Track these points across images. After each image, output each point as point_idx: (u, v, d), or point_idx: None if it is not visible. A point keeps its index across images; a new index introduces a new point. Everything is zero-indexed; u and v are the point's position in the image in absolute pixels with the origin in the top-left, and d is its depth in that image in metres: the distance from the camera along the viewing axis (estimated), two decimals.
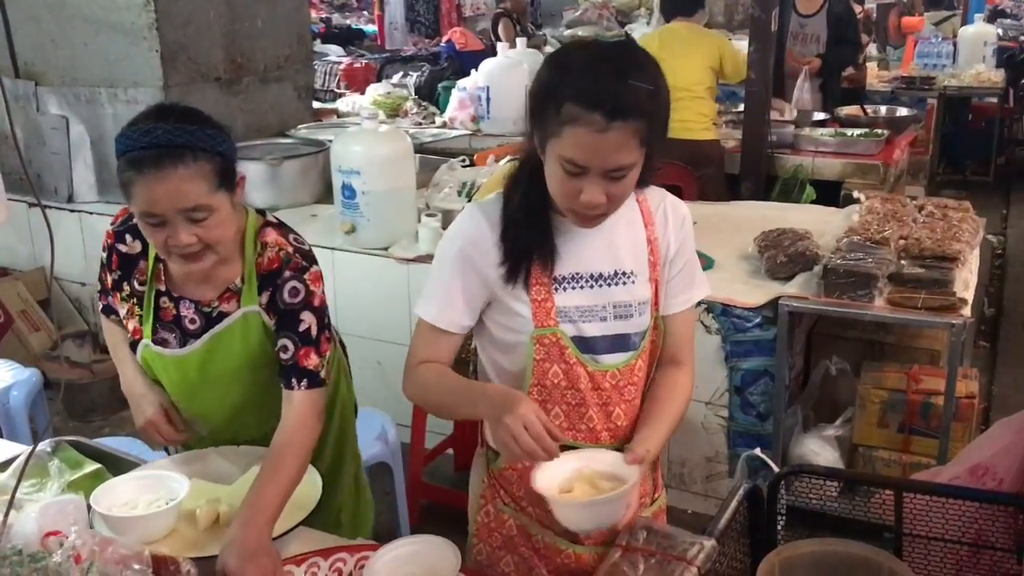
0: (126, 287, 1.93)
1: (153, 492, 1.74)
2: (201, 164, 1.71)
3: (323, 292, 1.90)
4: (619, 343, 1.66)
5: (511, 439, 1.45)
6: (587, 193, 1.49)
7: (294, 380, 1.83)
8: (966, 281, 2.97)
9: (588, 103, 1.43)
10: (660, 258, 1.69)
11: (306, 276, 1.87)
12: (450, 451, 3.61)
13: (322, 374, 1.87)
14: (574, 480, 1.56)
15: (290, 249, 1.88)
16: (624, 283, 1.64)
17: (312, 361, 1.85)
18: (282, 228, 1.93)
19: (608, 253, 1.64)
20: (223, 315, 1.89)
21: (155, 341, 1.91)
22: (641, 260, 1.67)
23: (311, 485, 1.82)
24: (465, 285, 1.64)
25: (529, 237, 1.60)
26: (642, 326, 1.67)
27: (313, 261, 1.90)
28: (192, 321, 1.91)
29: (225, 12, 4.32)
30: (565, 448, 1.54)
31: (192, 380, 1.93)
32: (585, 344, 1.64)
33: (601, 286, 1.63)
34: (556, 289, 1.62)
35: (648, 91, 1.46)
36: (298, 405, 1.83)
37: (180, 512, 1.73)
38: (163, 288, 1.91)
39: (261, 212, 1.96)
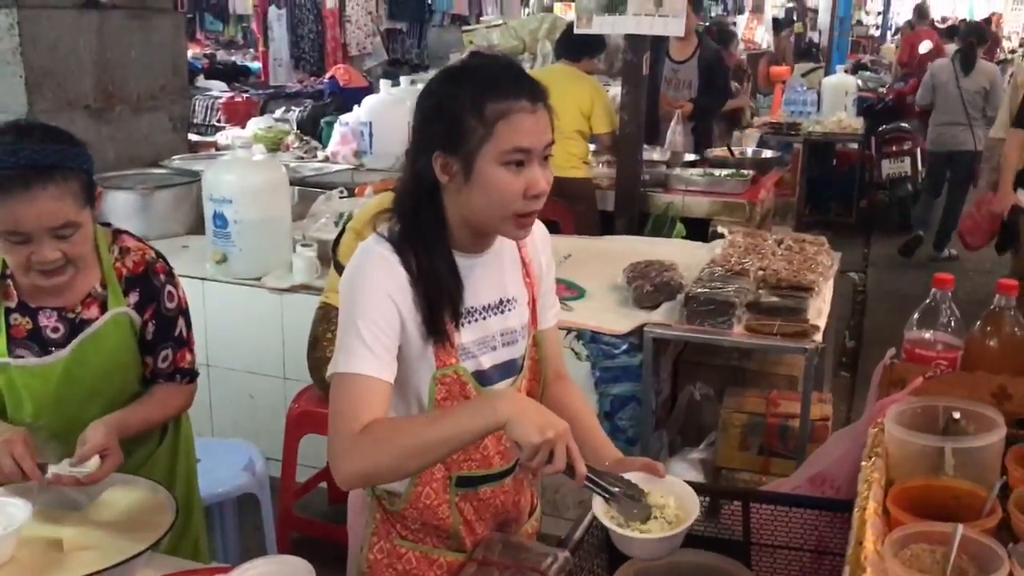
0: None
1: None
2: (70, 183, 1.75)
3: (183, 292, 2.05)
4: (506, 369, 1.68)
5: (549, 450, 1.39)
6: (533, 181, 1.51)
7: (176, 380, 2.03)
8: (819, 309, 3.12)
9: (512, 94, 1.50)
10: (535, 277, 1.75)
11: (175, 280, 2.01)
12: (323, 485, 3.55)
13: (196, 368, 2.08)
14: None
15: (152, 253, 1.99)
16: (510, 309, 1.67)
17: (187, 360, 2.05)
18: (132, 235, 2.02)
19: (495, 282, 1.66)
20: (86, 322, 1.89)
21: (12, 357, 1.87)
22: (519, 283, 1.71)
23: (162, 509, 1.77)
24: (394, 330, 1.53)
25: (444, 280, 1.56)
26: (523, 348, 1.71)
27: (169, 264, 2.04)
28: (55, 330, 1.89)
29: (95, 40, 4.21)
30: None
31: (55, 390, 1.90)
32: (483, 377, 1.64)
33: (489, 316, 1.65)
34: (457, 327, 1.60)
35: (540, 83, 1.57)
36: (176, 388, 2.04)
37: (21, 539, 1.64)
38: (13, 305, 1.88)
39: (103, 223, 1.99)
